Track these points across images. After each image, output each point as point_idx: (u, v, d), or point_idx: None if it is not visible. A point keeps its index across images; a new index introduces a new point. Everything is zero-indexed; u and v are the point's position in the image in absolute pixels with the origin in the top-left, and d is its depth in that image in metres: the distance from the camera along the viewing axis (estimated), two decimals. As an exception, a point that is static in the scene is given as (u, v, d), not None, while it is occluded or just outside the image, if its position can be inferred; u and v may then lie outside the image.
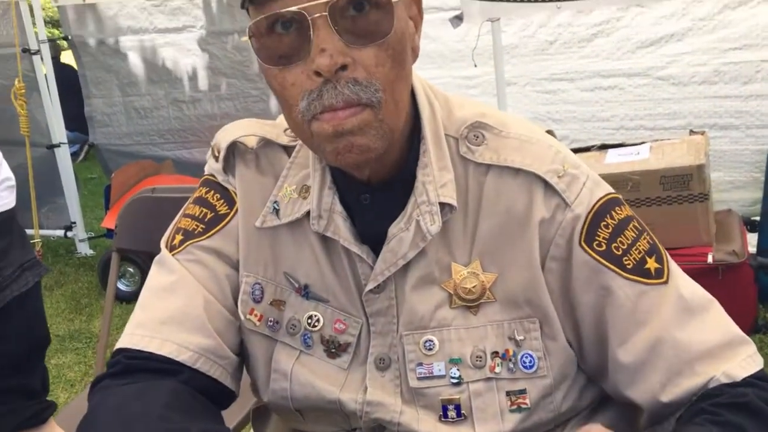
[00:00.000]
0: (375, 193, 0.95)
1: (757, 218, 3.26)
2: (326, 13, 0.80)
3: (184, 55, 4.40)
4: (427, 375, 0.95)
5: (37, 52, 4.27)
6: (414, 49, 0.90)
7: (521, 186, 0.93)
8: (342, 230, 0.96)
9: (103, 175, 5.13)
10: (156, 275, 1.03)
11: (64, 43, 5.20)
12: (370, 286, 0.96)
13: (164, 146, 4.64)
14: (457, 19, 3.13)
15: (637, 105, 3.40)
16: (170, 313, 0.98)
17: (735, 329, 0.93)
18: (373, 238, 0.96)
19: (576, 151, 3.13)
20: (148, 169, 4.11)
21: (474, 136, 0.95)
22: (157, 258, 1.05)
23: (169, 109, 4.53)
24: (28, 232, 1.76)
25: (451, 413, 0.94)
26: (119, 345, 0.99)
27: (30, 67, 4.31)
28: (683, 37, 3.26)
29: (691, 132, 3.11)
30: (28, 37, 4.26)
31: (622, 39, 3.36)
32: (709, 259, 2.83)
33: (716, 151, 3.28)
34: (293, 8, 0.80)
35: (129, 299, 3.82)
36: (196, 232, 1.03)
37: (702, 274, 2.80)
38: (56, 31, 7.54)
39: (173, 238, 1.05)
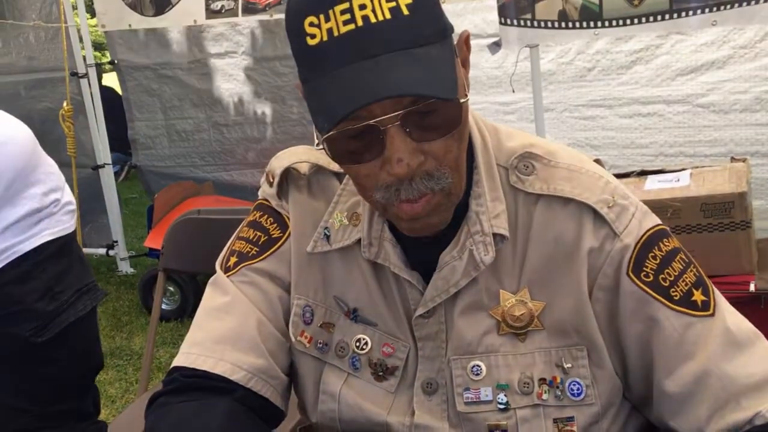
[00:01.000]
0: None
1: None
2: (399, 123, 0.81)
3: (226, 80, 4.49)
4: (475, 400, 0.96)
5: (85, 75, 4.40)
6: (467, 88, 0.92)
7: (571, 215, 0.94)
8: (392, 257, 0.98)
9: (144, 195, 5.24)
10: (211, 296, 1.07)
11: (107, 66, 5.32)
12: (421, 311, 0.97)
13: (205, 168, 4.72)
14: (496, 46, 3.15)
15: (677, 132, 3.38)
16: (225, 333, 1.01)
17: None
18: (423, 264, 0.98)
19: (615, 177, 3.12)
20: (189, 190, 4.19)
21: (524, 166, 0.97)
22: (212, 279, 1.09)
23: (211, 132, 4.61)
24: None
25: None
26: (175, 363, 1.02)
27: (77, 90, 4.43)
28: (724, 65, 3.24)
29: (733, 159, 3.07)
30: (76, 61, 4.39)
31: (662, 66, 3.35)
32: (752, 287, 2.77)
33: (758, 179, 3.23)
34: (371, 122, 0.81)
35: (169, 318, 3.88)
36: (250, 254, 1.06)
37: (744, 303, 2.76)
38: (99, 54, 7.74)
39: (228, 260, 1.08)
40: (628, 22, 2.75)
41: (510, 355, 0.96)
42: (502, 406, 0.95)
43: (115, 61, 4.72)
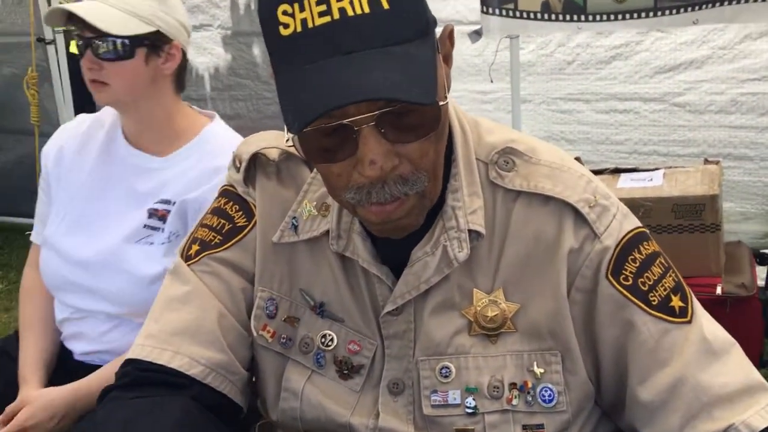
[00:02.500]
0: None
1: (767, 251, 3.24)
2: (373, 123, 0.77)
3: (199, 53, 4.39)
4: (442, 403, 0.93)
5: (52, 41, 4.26)
6: (448, 86, 0.87)
7: (551, 214, 0.92)
8: (361, 250, 0.94)
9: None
10: (169, 285, 1.02)
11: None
12: (389, 308, 0.94)
13: (174, 143, 4.64)
14: (476, 34, 3.12)
15: (652, 130, 3.37)
16: (183, 324, 0.97)
17: (755, 375, 0.91)
18: (394, 259, 0.94)
19: (588, 173, 3.13)
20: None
21: (504, 161, 0.94)
22: (171, 267, 1.04)
23: (182, 107, 4.53)
24: (32, 221, 1.74)
25: None
26: (129, 355, 0.98)
27: (44, 56, 4.29)
28: (702, 65, 3.24)
29: (706, 161, 3.09)
30: (43, 26, 4.25)
31: (641, 63, 3.33)
32: (718, 290, 2.80)
33: (729, 182, 3.25)
34: (344, 121, 0.77)
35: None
36: (213, 243, 1.02)
37: (710, 306, 2.76)
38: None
39: (189, 248, 1.03)
40: (612, 17, 2.74)
41: (480, 357, 0.93)
42: (470, 411, 0.92)
43: (85, 29, 4.58)
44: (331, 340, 0.98)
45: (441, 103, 0.80)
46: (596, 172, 3.11)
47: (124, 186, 1.53)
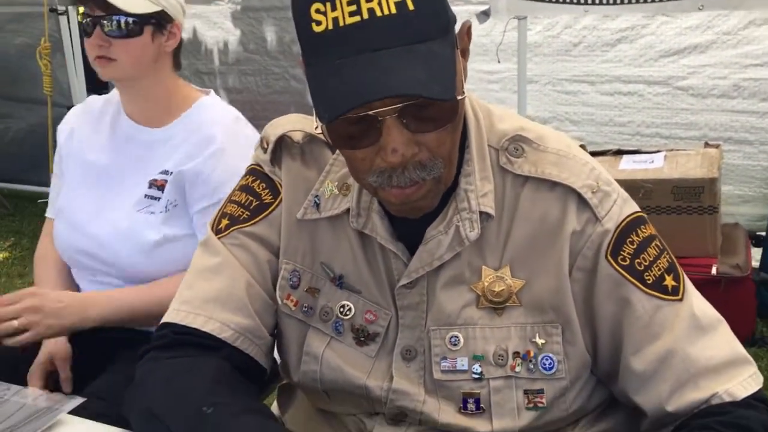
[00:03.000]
0: None
1: (763, 233, 3.29)
2: (396, 115, 0.84)
3: (210, 27, 4.42)
4: (451, 369, 1.01)
5: (65, 12, 4.29)
6: (465, 79, 0.93)
7: (557, 198, 0.99)
8: (379, 228, 1.01)
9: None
10: (201, 256, 1.09)
11: (88, 4, 5.16)
12: (404, 281, 1.01)
13: (184, 116, 4.67)
14: (484, 15, 3.16)
15: (655, 113, 3.42)
16: (214, 293, 1.04)
17: (740, 349, 0.99)
18: (409, 237, 1.02)
19: (592, 154, 3.18)
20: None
21: (514, 148, 1.01)
22: (202, 240, 1.11)
23: (192, 80, 4.54)
24: (44, 189, 1.80)
25: (471, 406, 1.01)
26: (166, 319, 1.06)
27: (56, 27, 4.33)
28: (706, 50, 3.27)
29: (706, 144, 3.14)
30: (56, -3, 4.28)
31: (646, 46, 3.37)
32: (713, 270, 2.88)
33: (728, 165, 3.31)
34: (370, 112, 0.83)
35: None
36: (241, 218, 1.09)
37: (705, 285, 2.83)
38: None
39: (219, 222, 1.11)
40: (618, 1, 2.78)
41: (487, 328, 1.01)
42: (476, 376, 1.00)
43: (96, 0, 4.60)
44: (349, 309, 1.06)
45: (459, 97, 0.87)
46: (599, 153, 3.16)
47: (130, 159, 1.61)
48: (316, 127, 0.90)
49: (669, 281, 0.99)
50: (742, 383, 0.96)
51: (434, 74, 0.82)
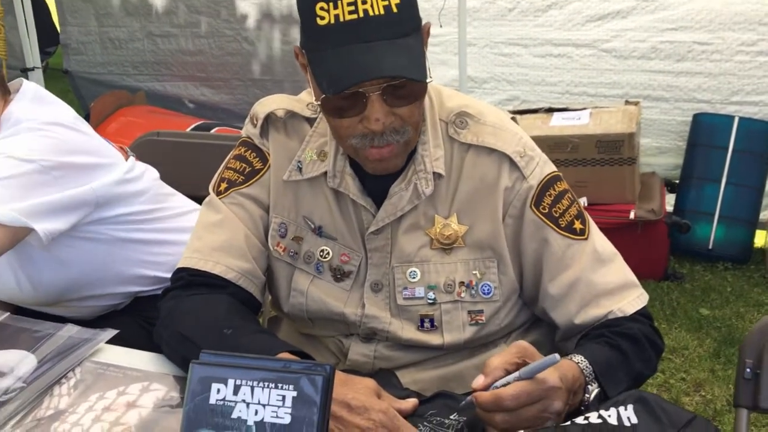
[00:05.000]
0: None
1: (677, 181, 3.59)
2: (379, 92, 1.07)
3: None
4: (410, 296, 1.25)
5: (12, -26, 4.26)
6: None
7: (493, 161, 1.23)
8: (351, 186, 1.24)
9: (75, 100, 5.16)
10: (206, 213, 1.32)
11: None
12: (372, 229, 1.25)
13: (137, 77, 4.70)
14: (427, -19, 3.31)
15: (582, 73, 3.63)
16: (219, 243, 1.27)
17: (631, 276, 1.24)
18: (376, 192, 1.25)
19: (525, 112, 3.42)
20: (122, 99, 4.20)
21: (460, 121, 1.25)
22: (206, 200, 1.34)
23: (144, 42, 4.59)
24: None
25: (427, 324, 1.25)
26: (181, 264, 1.28)
27: (4, -11, 4.30)
28: (628, 15, 3.48)
29: (627, 102, 3.37)
30: (2, -42, 4.23)
31: (574, 12, 3.57)
32: (631, 215, 3.15)
33: (647, 120, 3.55)
34: (359, 89, 1.06)
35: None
36: (237, 181, 1.31)
37: (624, 228, 3.13)
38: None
39: (219, 185, 1.33)
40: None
41: (439, 263, 1.25)
42: (430, 301, 1.25)
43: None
44: (328, 253, 1.28)
45: (428, 80, 1.11)
46: (532, 111, 3.40)
47: None
48: (316, 100, 1.12)
49: (577, 225, 1.24)
50: (631, 302, 1.20)
51: (413, 61, 1.06)
